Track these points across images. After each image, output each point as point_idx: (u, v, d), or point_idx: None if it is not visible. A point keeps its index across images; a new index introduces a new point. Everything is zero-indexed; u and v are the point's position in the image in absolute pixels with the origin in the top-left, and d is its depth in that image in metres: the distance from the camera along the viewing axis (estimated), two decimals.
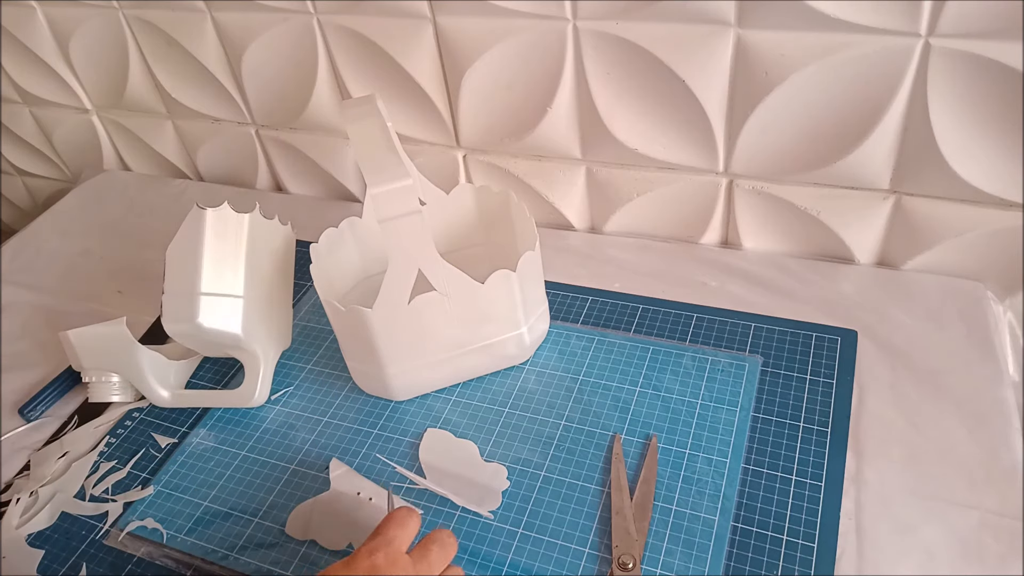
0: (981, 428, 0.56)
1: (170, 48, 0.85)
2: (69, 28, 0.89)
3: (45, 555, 0.58)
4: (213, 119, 0.92)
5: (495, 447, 0.60)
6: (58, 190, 1.13)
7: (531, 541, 0.54)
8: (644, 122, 0.69)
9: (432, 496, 0.57)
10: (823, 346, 0.64)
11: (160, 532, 0.58)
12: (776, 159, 0.67)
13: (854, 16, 0.56)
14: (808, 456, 0.56)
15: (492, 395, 0.64)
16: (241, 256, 0.64)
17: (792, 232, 0.72)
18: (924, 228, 0.66)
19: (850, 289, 0.69)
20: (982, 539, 0.50)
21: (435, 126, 0.79)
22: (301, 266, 0.69)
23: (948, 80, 0.57)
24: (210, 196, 0.79)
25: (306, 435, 0.64)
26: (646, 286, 0.72)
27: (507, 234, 0.71)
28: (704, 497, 0.54)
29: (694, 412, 0.60)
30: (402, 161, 0.54)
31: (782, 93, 0.62)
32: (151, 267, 0.72)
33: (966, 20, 0.54)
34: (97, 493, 0.62)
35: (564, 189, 0.79)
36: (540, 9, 0.65)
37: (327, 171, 0.90)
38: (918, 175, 0.64)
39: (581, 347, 0.67)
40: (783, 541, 0.51)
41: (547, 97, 0.71)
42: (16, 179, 1.16)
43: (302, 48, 0.78)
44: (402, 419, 0.64)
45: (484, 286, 0.58)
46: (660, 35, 0.63)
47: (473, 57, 0.70)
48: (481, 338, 0.62)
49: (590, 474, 0.57)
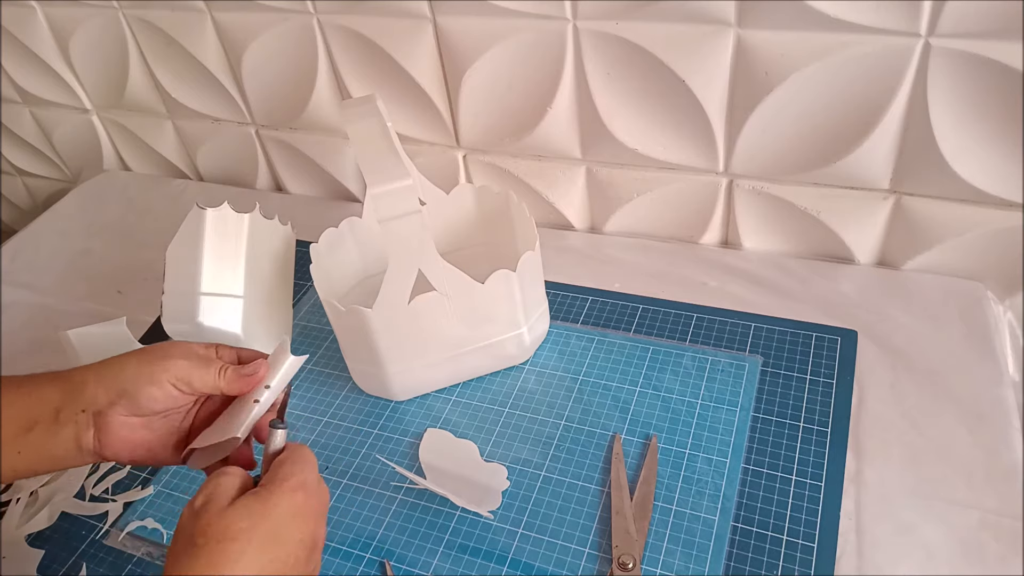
0: (981, 428, 0.56)
1: (170, 48, 0.85)
2: (69, 28, 0.89)
3: (45, 555, 0.58)
4: (213, 119, 0.92)
5: (495, 447, 0.60)
6: (58, 190, 1.13)
7: (531, 541, 0.54)
8: (644, 122, 0.69)
9: (432, 496, 0.57)
10: (823, 346, 0.64)
11: (160, 532, 0.58)
12: (776, 159, 0.67)
13: (854, 16, 0.56)
14: (808, 456, 0.56)
15: (492, 395, 0.64)
16: (241, 256, 0.64)
17: (792, 232, 0.72)
18: (924, 228, 0.66)
19: (850, 289, 0.69)
20: (982, 539, 0.50)
21: (435, 126, 0.79)
22: (301, 266, 0.69)
23: (948, 80, 0.57)
24: (210, 196, 0.79)
25: (306, 435, 0.64)
26: (646, 286, 0.72)
27: (507, 234, 0.71)
28: (704, 497, 0.54)
29: (694, 412, 0.60)
30: (402, 161, 0.54)
31: (782, 93, 0.62)
32: (151, 267, 0.72)
33: (966, 20, 0.54)
34: (97, 493, 0.62)
35: (564, 189, 0.79)
36: (540, 9, 0.65)
37: (327, 171, 0.90)
38: (918, 175, 0.64)
39: (581, 347, 0.67)
40: (783, 541, 0.51)
41: (547, 97, 0.71)
42: (16, 179, 1.16)
43: (302, 48, 0.78)
44: (402, 419, 0.64)
45: (484, 286, 0.58)
46: (660, 35, 0.63)
47: (473, 57, 0.70)
48: (481, 338, 0.62)
49: (590, 474, 0.57)
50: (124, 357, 0.48)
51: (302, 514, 0.41)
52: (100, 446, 0.46)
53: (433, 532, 0.55)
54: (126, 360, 0.47)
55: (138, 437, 0.47)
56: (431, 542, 0.55)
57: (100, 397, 0.46)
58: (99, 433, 0.46)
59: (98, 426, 0.46)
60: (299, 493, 0.41)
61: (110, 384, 0.46)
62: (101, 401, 0.46)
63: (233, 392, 0.48)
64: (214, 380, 0.47)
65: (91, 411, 0.46)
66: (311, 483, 0.42)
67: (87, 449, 0.46)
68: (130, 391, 0.46)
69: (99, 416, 0.46)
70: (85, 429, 0.46)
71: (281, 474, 0.42)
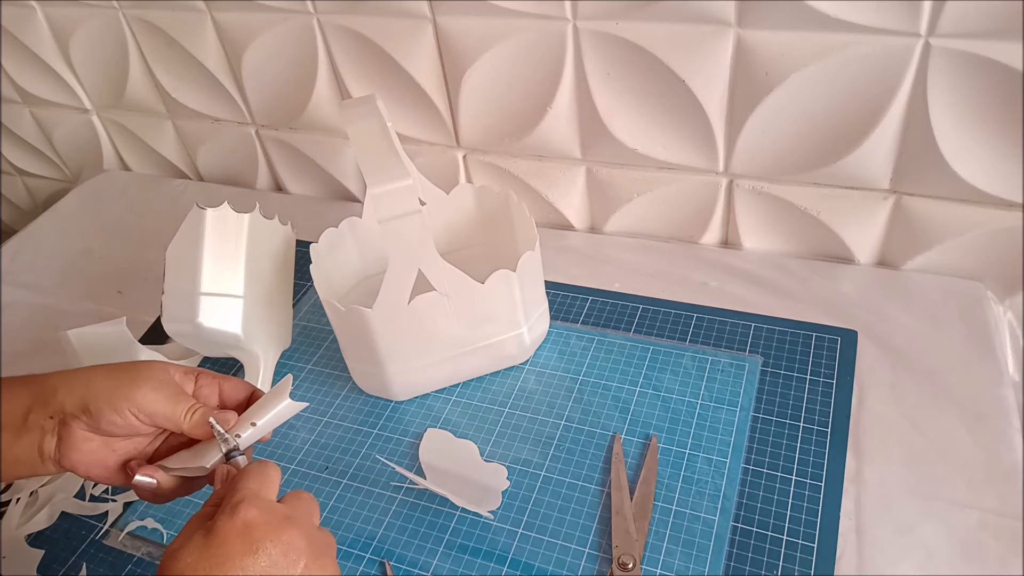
0: (981, 428, 0.56)
1: (170, 48, 0.85)
2: (69, 28, 0.89)
3: (45, 555, 0.58)
4: (213, 119, 0.92)
5: (495, 447, 0.60)
6: (58, 190, 1.13)
7: (531, 541, 0.54)
8: (644, 122, 0.69)
9: (432, 496, 0.57)
10: (823, 346, 0.64)
11: (160, 532, 0.58)
12: (776, 159, 0.67)
13: (854, 16, 0.56)
14: (808, 456, 0.56)
15: (492, 395, 0.64)
16: (241, 256, 0.64)
17: (792, 232, 0.72)
18: (924, 228, 0.66)
19: (850, 289, 0.69)
20: (982, 539, 0.50)
21: (435, 126, 0.79)
22: (301, 266, 0.69)
23: (948, 80, 0.57)
24: (210, 196, 0.79)
25: (306, 435, 0.64)
26: (646, 286, 0.72)
27: (507, 234, 0.71)
28: (704, 497, 0.54)
29: (694, 412, 0.60)
30: (402, 161, 0.54)
31: (782, 93, 0.62)
32: (151, 267, 0.72)
33: (966, 20, 0.54)
34: (97, 493, 0.62)
35: (564, 189, 0.79)
36: (540, 9, 0.65)
37: (327, 171, 0.90)
38: (918, 175, 0.64)
39: (581, 347, 0.67)
40: (783, 541, 0.51)
41: (547, 97, 0.71)
42: (16, 179, 1.16)
43: (302, 48, 0.78)
44: (402, 419, 0.64)
45: (484, 286, 0.58)
46: (660, 35, 0.63)
47: (473, 57, 0.70)
48: (481, 338, 0.62)
49: (590, 474, 0.57)
50: (95, 370, 0.45)
51: (255, 531, 0.37)
52: (60, 455, 0.44)
53: (433, 532, 0.55)
54: (95, 374, 0.45)
55: (97, 455, 0.45)
56: (431, 542, 0.55)
57: (67, 406, 0.44)
58: (60, 443, 0.44)
59: (61, 436, 0.44)
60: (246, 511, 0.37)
61: (77, 396, 0.44)
62: (67, 410, 0.44)
63: (196, 437, 0.45)
64: (178, 420, 0.44)
65: (58, 419, 0.44)
66: (263, 496, 0.39)
67: (48, 456, 0.45)
68: (92, 409, 0.43)
69: (63, 426, 0.44)
70: (50, 436, 0.44)
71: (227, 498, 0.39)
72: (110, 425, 0.44)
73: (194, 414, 0.44)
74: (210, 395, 0.47)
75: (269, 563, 0.37)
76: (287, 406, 0.45)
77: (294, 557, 0.37)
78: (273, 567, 0.37)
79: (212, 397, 0.48)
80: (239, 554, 0.36)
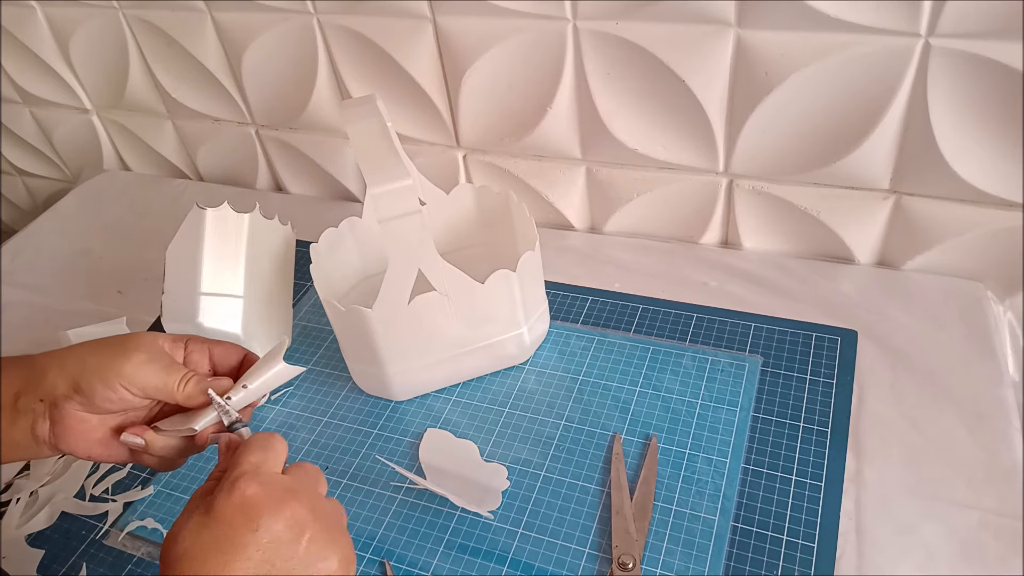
0: (981, 428, 0.56)
1: (170, 48, 0.85)
2: (69, 28, 0.89)
3: (45, 555, 0.58)
4: (213, 119, 0.92)
5: (495, 447, 0.60)
6: (58, 190, 1.13)
7: (531, 541, 0.54)
8: (644, 122, 0.69)
9: (432, 496, 0.57)
10: (823, 346, 0.64)
11: (160, 532, 0.58)
12: (776, 159, 0.67)
13: (854, 16, 0.56)
14: (808, 456, 0.56)
15: (492, 395, 0.64)
16: (241, 256, 0.64)
17: (792, 232, 0.72)
18: (924, 228, 0.66)
19: (850, 289, 0.69)
20: (982, 539, 0.50)
21: (435, 126, 0.79)
22: (301, 266, 0.69)
23: (948, 80, 0.57)
24: (210, 196, 0.79)
25: (306, 435, 0.64)
26: (646, 286, 0.72)
27: (507, 234, 0.71)
28: (704, 497, 0.54)
29: (694, 412, 0.60)
30: (402, 161, 0.54)
31: (782, 93, 0.62)
32: (151, 267, 0.72)
33: (966, 20, 0.54)
34: (97, 493, 0.62)
35: (564, 189, 0.79)
36: (540, 9, 0.65)
37: (327, 171, 0.90)
38: (918, 175, 0.64)
39: (581, 347, 0.67)
40: (783, 541, 0.51)
41: (547, 97, 0.71)
42: (16, 179, 1.16)
43: (302, 48, 0.78)
44: (402, 419, 0.64)
45: (484, 286, 0.58)
46: (660, 35, 0.63)
47: (473, 57, 0.70)
48: (481, 338, 0.62)
49: (590, 474, 0.57)
50: (86, 347, 0.44)
51: (255, 506, 0.36)
52: (55, 438, 0.44)
53: (433, 532, 0.55)
54: (87, 351, 0.44)
55: (95, 434, 0.44)
56: (431, 542, 0.55)
57: (58, 388, 0.43)
58: (54, 426, 0.43)
59: (53, 419, 0.43)
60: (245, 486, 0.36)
61: (68, 376, 0.43)
62: (58, 392, 0.43)
63: (191, 406, 0.44)
64: (172, 390, 0.43)
65: (48, 401, 0.43)
66: (264, 470, 0.38)
67: (42, 440, 0.44)
68: (85, 388, 0.42)
69: (55, 408, 0.43)
70: (42, 420, 0.43)
71: (227, 473, 0.38)
72: (104, 401, 0.43)
73: (187, 384, 0.44)
74: (200, 361, 0.46)
75: (271, 538, 0.35)
76: (282, 369, 0.44)
77: (298, 530, 0.36)
78: (276, 542, 0.36)
79: (203, 363, 0.47)
80: (239, 532, 0.35)
